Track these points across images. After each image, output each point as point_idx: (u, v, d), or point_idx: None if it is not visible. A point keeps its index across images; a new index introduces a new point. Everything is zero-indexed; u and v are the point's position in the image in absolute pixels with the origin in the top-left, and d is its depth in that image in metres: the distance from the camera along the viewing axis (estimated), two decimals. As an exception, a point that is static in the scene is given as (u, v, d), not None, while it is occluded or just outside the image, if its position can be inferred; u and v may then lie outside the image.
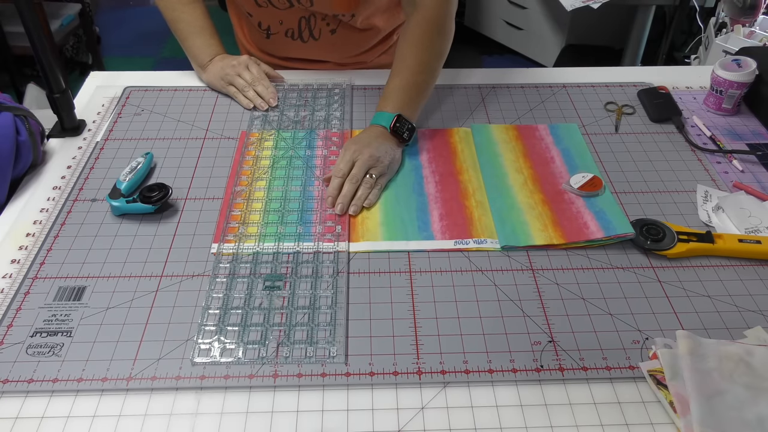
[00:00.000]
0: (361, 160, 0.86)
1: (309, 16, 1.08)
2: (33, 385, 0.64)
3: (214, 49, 1.09)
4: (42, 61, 0.91)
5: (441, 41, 0.99)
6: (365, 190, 0.85)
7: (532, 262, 0.78)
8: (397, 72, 0.96)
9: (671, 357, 0.64)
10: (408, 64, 0.96)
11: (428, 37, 0.98)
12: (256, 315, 0.71)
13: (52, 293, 0.73)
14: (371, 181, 0.86)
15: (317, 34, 1.11)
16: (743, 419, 0.59)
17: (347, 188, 0.85)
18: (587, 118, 1.03)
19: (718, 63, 1.03)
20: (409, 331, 0.69)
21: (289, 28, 1.10)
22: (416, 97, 0.96)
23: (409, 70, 0.96)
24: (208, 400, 0.63)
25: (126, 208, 0.83)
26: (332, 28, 1.11)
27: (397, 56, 0.98)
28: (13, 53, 2.47)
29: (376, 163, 0.87)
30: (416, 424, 0.61)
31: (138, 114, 1.04)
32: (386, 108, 0.94)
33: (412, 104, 0.95)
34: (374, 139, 0.90)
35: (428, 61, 0.97)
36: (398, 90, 0.95)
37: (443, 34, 0.99)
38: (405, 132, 0.92)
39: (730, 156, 0.95)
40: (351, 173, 0.86)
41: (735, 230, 0.82)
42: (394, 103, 0.94)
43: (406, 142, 0.93)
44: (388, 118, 0.92)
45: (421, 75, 0.96)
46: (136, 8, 3.50)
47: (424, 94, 0.98)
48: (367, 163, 0.86)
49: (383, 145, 0.89)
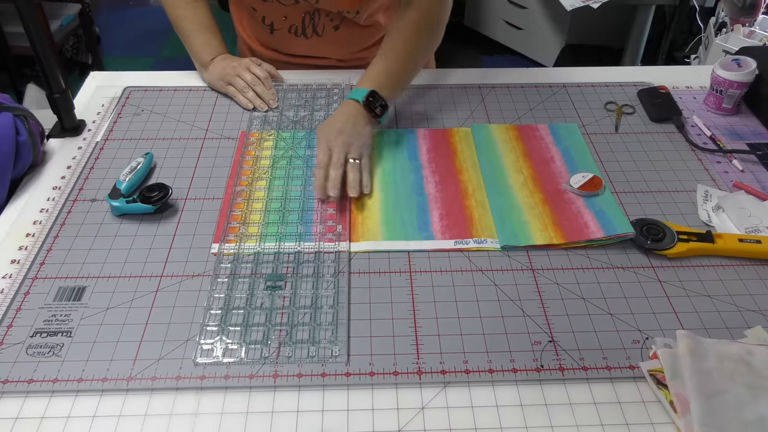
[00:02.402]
0: (337, 147, 0.88)
1: (313, 12, 1.08)
2: (33, 385, 0.64)
3: (216, 48, 1.09)
4: (42, 61, 0.91)
5: (430, 40, 1.01)
6: (355, 173, 0.87)
7: (532, 262, 0.78)
8: (382, 56, 0.98)
9: (671, 357, 0.64)
10: (394, 50, 0.97)
11: (419, 33, 0.99)
12: (257, 315, 0.71)
13: (52, 293, 0.73)
14: (357, 165, 0.88)
15: (320, 31, 1.11)
16: (743, 419, 0.59)
17: (333, 173, 0.86)
18: (587, 118, 1.03)
19: (718, 63, 1.03)
20: (410, 331, 0.69)
21: (292, 24, 1.10)
22: (396, 82, 0.97)
23: (394, 56, 0.97)
24: (209, 401, 0.63)
25: (126, 209, 0.83)
26: (335, 25, 1.11)
27: (385, 43, 0.99)
28: (13, 53, 2.47)
29: (350, 147, 0.89)
30: (416, 424, 0.61)
31: (138, 114, 1.04)
32: (363, 85, 0.95)
33: (390, 87, 0.96)
34: (344, 123, 0.91)
35: (414, 53, 0.99)
36: (380, 72, 0.96)
37: (434, 34, 1.01)
38: (378, 107, 0.93)
39: (730, 156, 0.95)
40: (332, 160, 0.87)
41: (735, 230, 0.82)
42: (372, 81, 0.95)
43: (378, 117, 0.94)
44: (362, 93, 0.93)
45: (405, 63, 0.98)
46: (136, 8, 3.50)
47: (403, 81, 0.99)
48: (343, 148, 0.88)
49: (354, 128, 0.91)
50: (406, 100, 1.07)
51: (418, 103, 1.07)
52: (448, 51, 3.10)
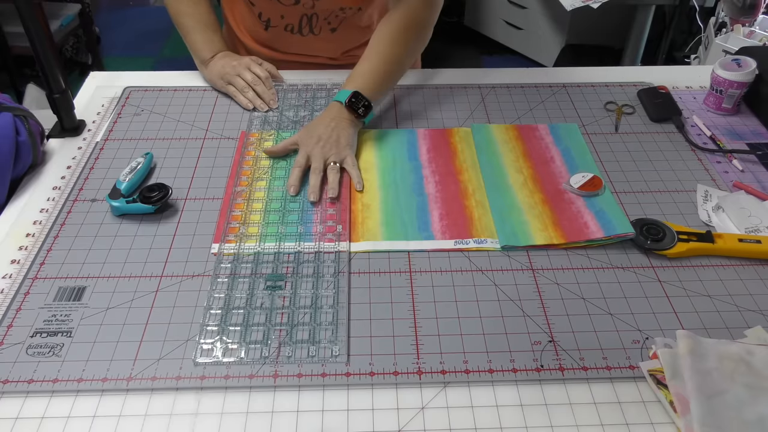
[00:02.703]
0: (316, 155, 0.90)
1: (311, 15, 1.08)
2: (33, 385, 0.64)
3: (216, 45, 1.09)
4: (42, 61, 0.91)
5: (417, 41, 1.01)
6: (335, 176, 0.88)
7: (532, 262, 0.78)
8: (368, 57, 0.98)
9: (671, 357, 0.64)
10: (380, 52, 0.98)
11: (406, 34, 0.99)
12: (257, 315, 0.71)
13: (52, 293, 0.73)
14: (336, 168, 0.89)
15: (317, 31, 1.11)
16: (743, 419, 0.59)
17: (313, 180, 0.88)
18: (587, 118, 1.03)
19: (718, 63, 1.03)
20: (410, 331, 0.69)
21: (289, 23, 1.10)
22: (380, 83, 0.98)
23: (380, 58, 0.98)
24: (209, 401, 0.63)
25: (126, 209, 0.83)
26: (333, 27, 1.11)
27: (371, 44, 0.99)
28: (12, 53, 2.47)
29: (329, 153, 0.90)
30: (416, 424, 0.61)
31: (138, 114, 1.04)
32: (347, 86, 0.96)
33: (374, 87, 0.97)
34: (325, 128, 0.92)
35: (400, 55, 0.99)
36: (364, 73, 0.97)
37: (421, 36, 1.01)
38: (360, 108, 0.94)
39: (730, 156, 0.95)
40: (312, 167, 0.90)
41: (735, 230, 0.82)
42: (355, 82, 0.96)
43: (361, 118, 0.95)
44: (344, 94, 0.94)
45: (390, 65, 0.98)
46: (136, 8, 3.50)
47: (388, 83, 1.00)
48: (322, 155, 0.90)
49: (334, 131, 0.92)
50: (405, 100, 1.07)
51: (418, 103, 1.07)
52: (448, 51, 3.11)
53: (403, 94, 1.09)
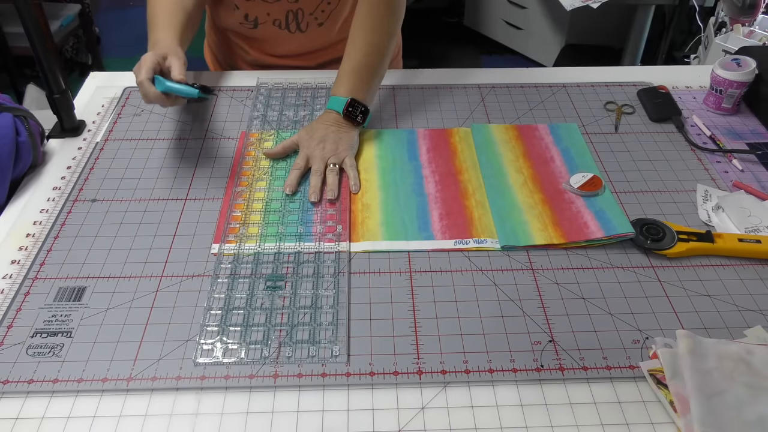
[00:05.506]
0: (316, 157, 0.91)
1: (297, 11, 1.08)
2: (33, 385, 0.64)
3: (162, 44, 0.98)
4: (42, 61, 0.91)
5: (390, 21, 1.00)
6: (334, 177, 0.89)
7: (532, 262, 0.78)
8: (349, 55, 0.98)
9: (671, 356, 0.64)
10: (358, 46, 0.98)
11: (378, 18, 0.98)
12: (257, 315, 0.71)
13: (52, 294, 0.73)
14: (335, 169, 0.90)
15: (304, 27, 1.11)
16: (743, 419, 0.59)
17: (313, 181, 0.89)
18: (587, 118, 1.03)
19: (718, 62, 1.03)
20: (410, 331, 0.69)
21: (276, 18, 1.10)
22: (368, 79, 0.98)
23: (360, 53, 0.97)
24: (209, 401, 0.63)
25: (169, 87, 0.82)
26: (320, 22, 1.11)
27: (349, 40, 0.99)
28: (12, 53, 2.47)
29: (330, 155, 0.91)
30: (416, 424, 0.61)
31: (138, 114, 1.04)
32: (339, 92, 0.96)
33: (364, 86, 0.97)
34: (326, 130, 0.93)
35: (378, 43, 0.99)
36: (350, 73, 0.97)
37: (393, 13, 1.00)
38: (358, 116, 0.95)
39: (729, 155, 0.95)
40: (312, 168, 0.90)
41: (735, 230, 0.82)
42: (346, 87, 0.96)
43: (360, 124, 0.96)
44: (341, 103, 0.94)
45: (372, 56, 0.98)
46: (135, 8, 3.50)
47: (376, 75, 0.99)
48: (323, 158, 0.91)
49: (335, 134, 0.93)
50: (405, 100, 1.07)
51: (418, 103, 1.07)
52: (448, 51, 3.11)
53: (403, 94, 1.09)
